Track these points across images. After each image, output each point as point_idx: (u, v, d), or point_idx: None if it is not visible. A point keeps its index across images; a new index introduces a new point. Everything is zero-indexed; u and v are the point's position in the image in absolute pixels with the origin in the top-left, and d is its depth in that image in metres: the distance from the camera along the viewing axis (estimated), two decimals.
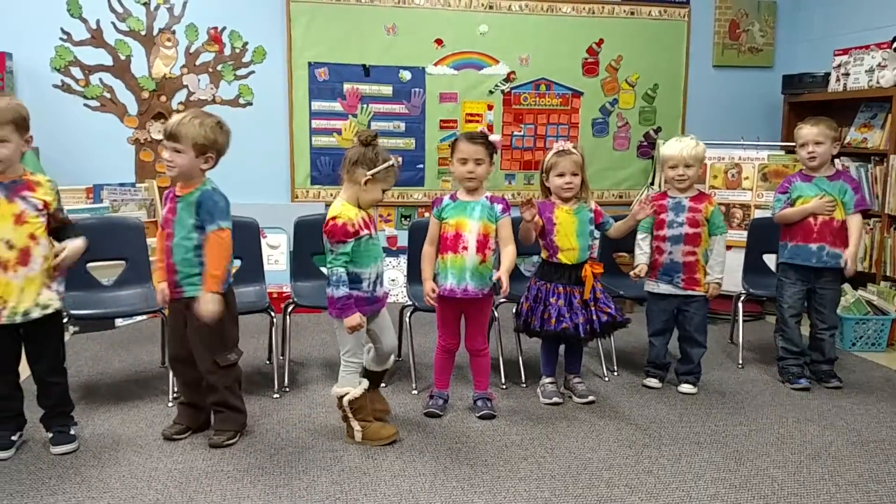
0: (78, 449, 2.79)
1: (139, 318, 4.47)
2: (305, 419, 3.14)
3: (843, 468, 2.75)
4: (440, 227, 3.11)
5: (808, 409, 3.35)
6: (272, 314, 3.53)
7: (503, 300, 3.10)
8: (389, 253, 5.17)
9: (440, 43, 5.18)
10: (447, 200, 3.12)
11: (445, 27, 5.17)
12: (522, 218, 3.10)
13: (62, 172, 3.05)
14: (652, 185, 5.35)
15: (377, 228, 2.92)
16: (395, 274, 5.07)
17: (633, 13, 5.42)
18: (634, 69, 5.48)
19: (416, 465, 2.72)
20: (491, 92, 5.31)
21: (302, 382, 3.58)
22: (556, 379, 3.45)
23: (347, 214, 2.75)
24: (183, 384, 2.95)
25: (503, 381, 3.59)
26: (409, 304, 3.68)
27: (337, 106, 5.12)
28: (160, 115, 4.90)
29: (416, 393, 3.46)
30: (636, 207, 3.35)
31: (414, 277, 3.69)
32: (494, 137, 3.12)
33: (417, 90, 5.20)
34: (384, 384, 3.18)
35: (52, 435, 2.79)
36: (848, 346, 4.25)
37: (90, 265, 3.63)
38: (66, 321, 3.19)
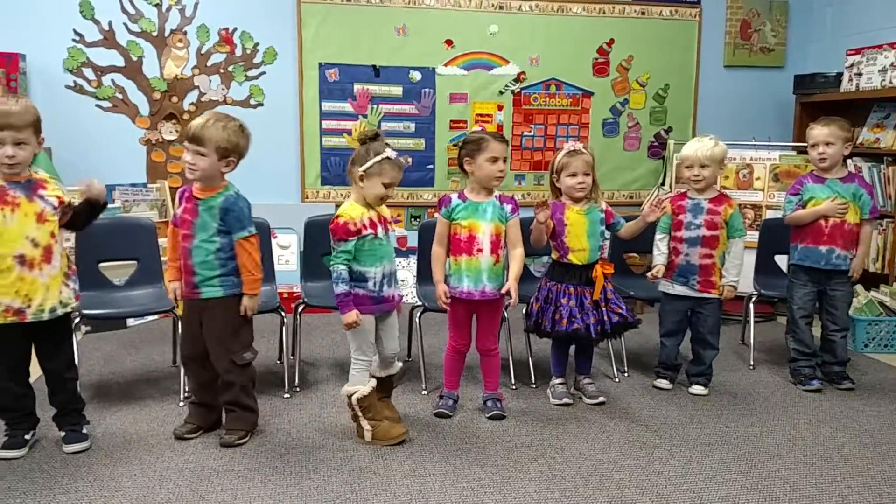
0: (90, 448, 2.80)
1: (151, 317, 4.49)
2: (316, 419, 3.15)
3: (855, 470, 2.74)
4: (450, 227, 3.11)
5: (819, 410, 3.33)
6: (283, 314, 3.54)
7: (510, 301, 3.11)
8: (399, 253, 5.16)
9: (450, 43, 5.18)
10: (456, 200, 3.11)
11: (455, 28, 5.18)
12: (536, 219, 3.10)
13: (74, 173, 3.08)
14: (662, 185, 5.34)
15: (390, 229, 2.93)
16: (404, 274, 5.07)
17: (643, 13, 5.41)
18: (645, 69, 5.47)
19: (426, 465, 2.73)
20: (501, 92, 5.31)
21: (312, 382, 3.59)
22: (566, 380, 3.44)
23: (350, 213, 2.80)
24: (196, 384, 2.97)
25: (513, 381, 3.59)
26: (419, 304, 3.69)
27: (347, 106, 5.13)
28: (171, 115, 4.93)
29: (425, 393, 3.46)
30: (646, 209, 3.34)
31: (424, 278, 3.70)
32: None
33: (427, 91, 5.20)
34: (396, 386, 3.19)
35: (64, 434, 2.81)
36: (860, 347, 4.22)
37: (102, 265, 3.66)
38: (77, 321, 3.22)
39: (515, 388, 3.55)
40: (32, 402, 2.81)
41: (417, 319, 3.67)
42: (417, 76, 5.18)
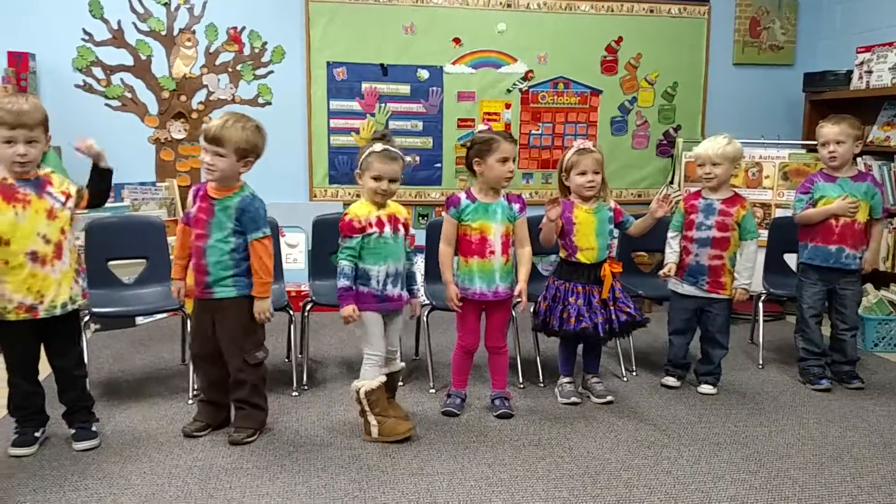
0: (99, 445, 2.82)
1: (160, 315, 4.51)
2: (324, 417, 3.15)
3: (865, 470, 2.72)
4: (458, 227, 3.11)
5: (829, 410, 3.31)
6: (291, 312, 3.54)
7: (519, 300, 3.11)
8: None
9: (458, 42, 5.18)
10: (465, 201, 3.10)
11: (463, 26, 5.17)
12: (546, 216, 3.10)
13: (83, 171, 3.09)
14: (671, 183, 5.32)
15: (402, 230, 2.95)
16: None
17: (652, 11, 5.39)
18: (654, 67, 5.45)
19: (433, 463, 2.73)
20: (509, 90, 5.30)
21: (320, 380, 3.60)
22: (574, 379, 3.44)
23: (356, 211, 2.86)
24: (206, 382, 2.98)
25: (521, 380, 3.58)
26: (426, 303, 3.69)
27: (355, 105, 5.13)
28: (180, 114, 4.94)
29: (433, 392, 3.46)
30: (654, 205, 3.32)
31: (431, 276, 3.70)
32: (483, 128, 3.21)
33: (435, 89, 5.20)
34: (401, 383, 3.19)
35: (74, 431, 2.82)
36: (870, 346, 4.20)
37: (111, 263, 3.67)
38: (87, 319, 3.23)
39: (523, 386, 3.55)
40: (42, 399, 2.82)
41: (425, 318, 3.67)
42: (425, 74, 5.18)
